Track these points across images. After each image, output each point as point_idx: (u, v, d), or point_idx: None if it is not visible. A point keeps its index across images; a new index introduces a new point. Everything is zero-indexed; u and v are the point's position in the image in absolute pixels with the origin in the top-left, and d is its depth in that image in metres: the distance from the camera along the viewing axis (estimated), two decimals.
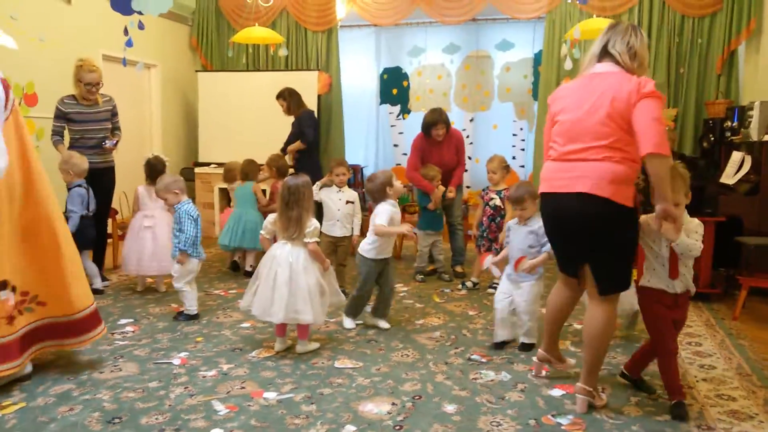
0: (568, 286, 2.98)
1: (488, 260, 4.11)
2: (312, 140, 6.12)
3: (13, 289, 2.98)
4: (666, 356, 2.79)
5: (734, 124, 5.67)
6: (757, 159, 4.97)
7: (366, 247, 3.91)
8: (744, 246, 4.66)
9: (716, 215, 4.63)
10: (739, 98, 6.44)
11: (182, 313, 4.13)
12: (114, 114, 5.08)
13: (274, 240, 3.61)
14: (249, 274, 5.45)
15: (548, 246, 3.23)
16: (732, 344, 3.72)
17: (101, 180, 4.89)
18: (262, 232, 3.74)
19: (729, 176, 5.19)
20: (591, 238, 2.66)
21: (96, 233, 4.72)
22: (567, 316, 3.11)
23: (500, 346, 3.62)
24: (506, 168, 4.90)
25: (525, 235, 3.55)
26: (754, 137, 5.13)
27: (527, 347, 3.57)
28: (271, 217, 3.64)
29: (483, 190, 4.98)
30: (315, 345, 3.59)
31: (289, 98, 6.19)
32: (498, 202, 4.79)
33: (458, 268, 5.46)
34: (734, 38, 6.34)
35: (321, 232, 4.24)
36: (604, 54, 2.70)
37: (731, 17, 6.33)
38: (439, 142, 5.25)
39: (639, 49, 2.65)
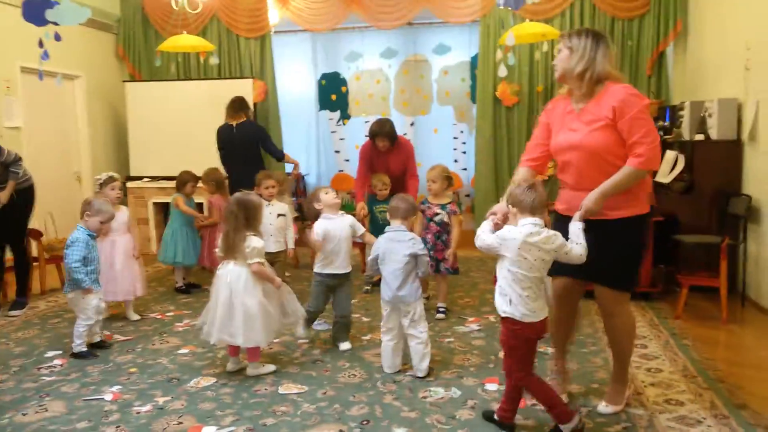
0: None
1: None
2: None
3: None
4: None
5: (666, 124, 5.80)
6: (689, 158, 5.09)
7: (316, 262, 3.83)
8: (682, 244, 4.75)
9: (653, 214, 4.70)
10: (670, 98, 6.60)
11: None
12: None
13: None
14: (179, 290, 5.35)
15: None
16: (676, 345, 3.77)
17: (13, 201, 4.57)
18: (216, 249, 3.56)
19: (664, 175, 5.30)
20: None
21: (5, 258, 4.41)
22: None
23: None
24: (448, 178, 4.44)
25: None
26: (686, 136, 5.26)
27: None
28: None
29: (422, 203, 4.46)
30: (270, 367, 3.44)
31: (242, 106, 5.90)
32: (445, 217, 4.36)
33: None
34: (662, 39, 6.51)
35: None
36: None
37: (658, 19, 6.50)
38: (386, 152, 5.13)
39: None
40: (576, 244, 2.61)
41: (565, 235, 2.63)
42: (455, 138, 8.12)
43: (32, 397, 3.17)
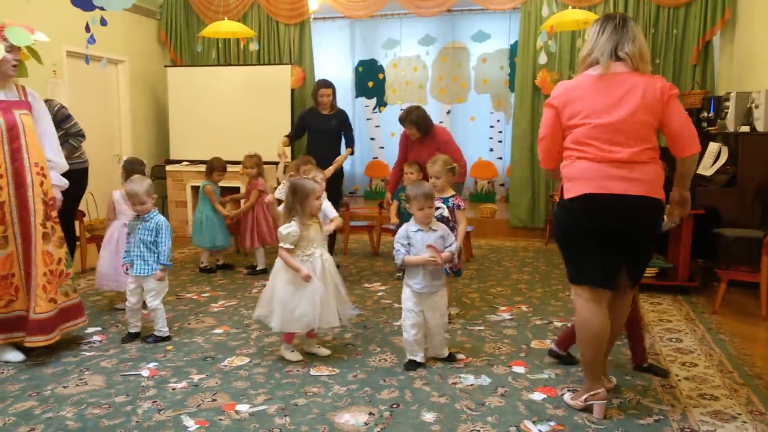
0: (604, 301, 2.72)
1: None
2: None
3: None
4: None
5: (710, 115, 5.66)
6: (733, 150, 4.96)
7: None
8: (722, 238, 4.64)
9: (694, 207, 4.60)
10: (715, 89, 6.43)
11: (152, 335, 3.74)
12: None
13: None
14: (203, 271, 5.49)
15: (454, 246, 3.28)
16: (712, 339, 3.69)
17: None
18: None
19: (706, 168, 5.17)
20: (644, 236, 2.69)
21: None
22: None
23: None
24: (452, 170, 3.96)
25: (435, 240, 3.23)
26: (731, 128, 5.11)
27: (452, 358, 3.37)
28: None
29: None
30: (296, 356, 3.40)
31: (333, 92, 5.76)
32: (446, 212, 3.83)
33: None
34: (709, 29, 6.32)
35: None
36: (615, 56, 2.63)
37: (706, 8, 6.31)
38: (420, 140, 5.08)
39: (643, 47, 2.65)
40: None
41: None
42: (491, 127, 8.08)
43: (72, 370, 3.28)
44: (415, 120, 4.86)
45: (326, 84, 5.62)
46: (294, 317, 3.27)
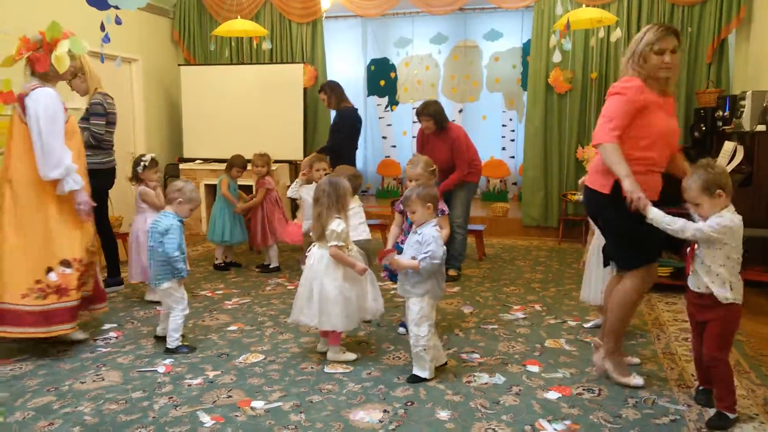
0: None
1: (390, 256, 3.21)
2: (333, 147, 5.79)
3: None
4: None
5: (726, 114, 5.61)
6: (749, 149, 4.92)
7: None
8: None
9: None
10: (730, 87, 6.38)
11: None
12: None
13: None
14: (217, 267, 5.51)
15: (426, 259, 2.97)
16: None
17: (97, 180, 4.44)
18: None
19: None
20: (594, 221, 3.31)
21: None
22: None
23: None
24: (433, 173, 3.65)
25: (412, 244, 3.10)
26: (747, 127, 5.07)
27: (414, 379, 3.08)
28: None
29: (396, 201, 3.73)
30: (350, 356, 3.36)
31: (330, 92, 5.97)
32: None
33: (452, 272, 5.13)
34: (724, 27, 6.27)
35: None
36: None
37: (721, 5, 6.26)
38: (434, 137, 5.09)
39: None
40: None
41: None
42: (504, 125, 8.06)
43: (90, 366, 3.31)
44: (432, 113, 4.92)
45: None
46: (356, 311, 3.31)
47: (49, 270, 3.41)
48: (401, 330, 3.79)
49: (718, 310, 2.61)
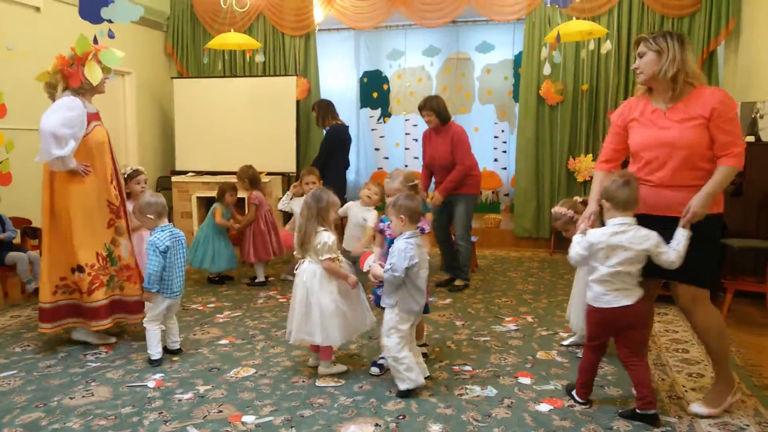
0: None
1: (369, 260, 3.31)
2: (318, 164, 5.90)
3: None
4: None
5: None
6: None
7: None
8: (728, 248, 4.63)
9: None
10: None
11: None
12: None
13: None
14: (211, 281, 5.51)
15: (388, 271, 2.99)
16: None
17: None
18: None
19: None
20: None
21: None
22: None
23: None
24: (414, 188, 3.55)
25: (382, 254, 3.24)
26: None
27: (404, 394, 3.03)
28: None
29: (381, 220, 3.50)
30: (341, 367, 3.38)
31: (318, 111, 6.20)
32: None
33: (458, 282, 5.23)
34: (713, 39, 6.33)
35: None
36: None
37: (710, 18, 6.32)
38: (436, 135, 5.13)
39: None
40: (673, 251, 2.66)
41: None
42: (496, 137, 8.08)
43: (79, 381, 3.29)
44: (435, 106, 5.00)
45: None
46: (352, 325, 3.32)
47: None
48: (373, 370, 3.40)
49: None
